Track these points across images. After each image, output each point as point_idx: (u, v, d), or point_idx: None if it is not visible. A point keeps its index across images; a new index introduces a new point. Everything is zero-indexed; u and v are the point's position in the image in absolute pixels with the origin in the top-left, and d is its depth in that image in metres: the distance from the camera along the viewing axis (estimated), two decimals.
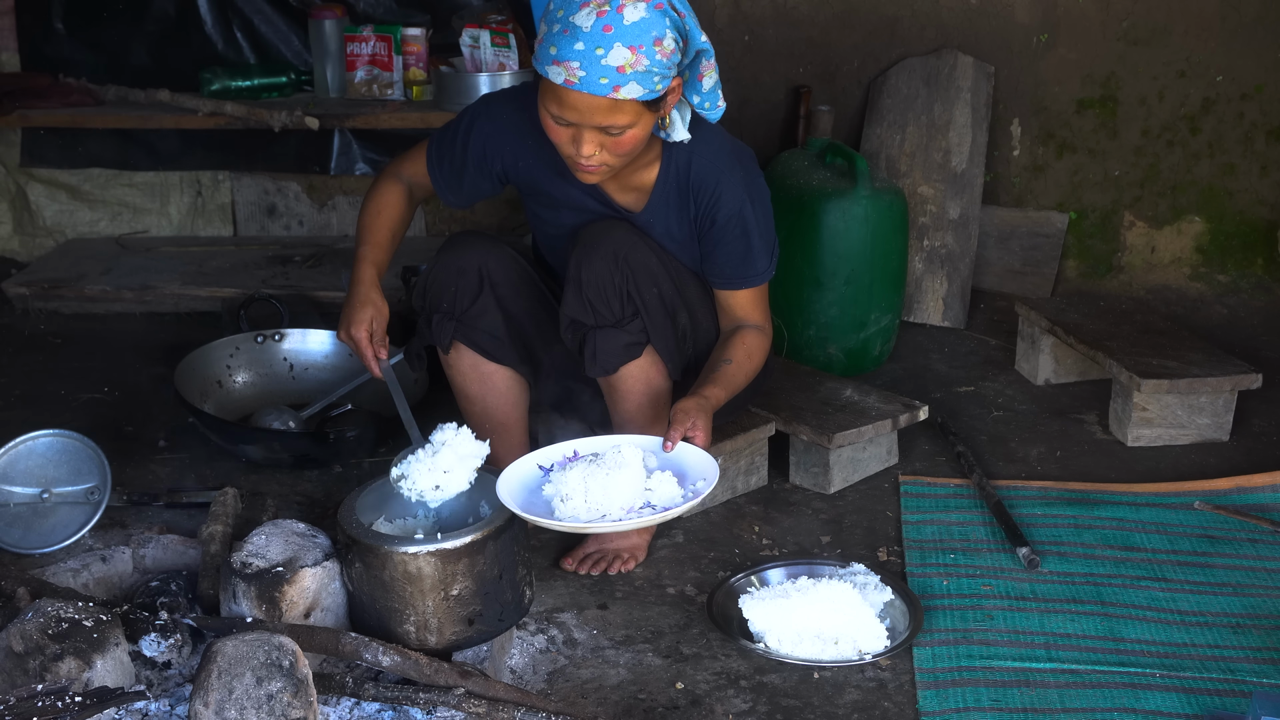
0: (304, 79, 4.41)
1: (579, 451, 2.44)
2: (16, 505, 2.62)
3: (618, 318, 2.60)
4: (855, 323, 3.64)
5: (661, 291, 2.62)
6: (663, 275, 2.62)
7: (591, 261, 2.56)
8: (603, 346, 2.60)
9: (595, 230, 2.60)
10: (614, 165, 2.47)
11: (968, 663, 2.41)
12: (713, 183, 2.58)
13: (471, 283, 2.70)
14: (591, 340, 2.60)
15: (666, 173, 2.60)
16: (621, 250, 2.57)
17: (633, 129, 2.40)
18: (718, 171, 2.58)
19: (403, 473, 2.39)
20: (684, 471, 2.40)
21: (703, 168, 2.58)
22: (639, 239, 2.61)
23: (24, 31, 4.47)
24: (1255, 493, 2.99)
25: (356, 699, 2.13)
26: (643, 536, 2.78)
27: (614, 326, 2.60)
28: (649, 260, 2.60)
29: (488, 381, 2.79)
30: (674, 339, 2.66)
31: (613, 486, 2.30)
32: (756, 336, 2.68)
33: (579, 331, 2.62)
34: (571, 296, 2.59)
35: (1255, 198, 4.27)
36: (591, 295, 2.57)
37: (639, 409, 2.67)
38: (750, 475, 3.06)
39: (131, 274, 4.25)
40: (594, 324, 2.60)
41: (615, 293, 2.58)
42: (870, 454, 3.11)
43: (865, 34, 4.27)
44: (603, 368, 2.62)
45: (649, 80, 2.34)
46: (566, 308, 2.60)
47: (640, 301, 2.60)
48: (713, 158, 2.58)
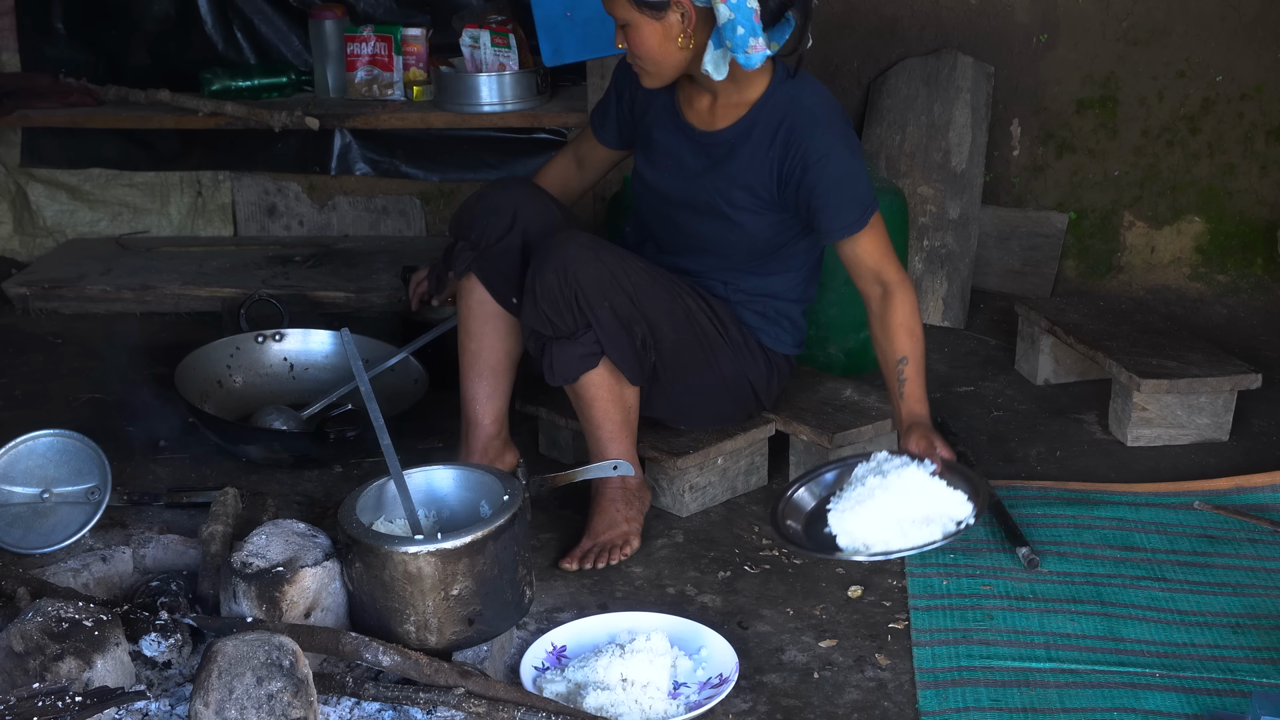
0: (304, 79, 4.42)
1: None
2: (16, 505, 2.62)
3: (571, 330, 2.67)
4: (855, 323, 3.63)
5: (614, 305, 2.66)
6: (614, 289, 2.66)
7: (543, 274, 2.64)
8: (559, 357, 2.68)
9: (550, 243, 2.68)
10: (646, 69, 2.64)
11: (968, 663, 2.41)
12: (808, 126, 2.67)
13: (503, 222, 2.78)
14: (549, 351, 2.69)
15: (765, 102, 2.70)
16: (570, 266, 2.62)
17: (636, 30, 2.57)
18: (815, 119, 2.68)
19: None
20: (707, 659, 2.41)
21: (802, 111, 2.68)
22: (592, 254, 2.65)
23: (24, 31, 4.48)
24: (1255, 493, 2.99)
25: (356, 699, 2.13)
26: (631, 524, 2.80)
27: (568, 338, 2.67)
28: (599, 274, 2.64)
29: (489, 322, 2.85)
30: (630, 350, 2.71)
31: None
32: (903, 303, 2.70)
33: (538, 340, 2.70)
34: (529, 306, 2.67)
35: (1255, 198, 4.27)
36: (545, 308, 2.65)
37: (605, 414, 2.75)
38: (750, 475, 3.06)
39: (131, 274, 4.25)
40: (551, 335, 2.68)
41: (566, 305, 2.64)
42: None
43: (865, 34, 4.28)
44: (561, 377, 2.71)
45: None
46: (525, 317, 2.69)
47: (592, 315, 2.65)
48: (814, 106, 2.69)
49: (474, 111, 4.12)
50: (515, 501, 2.31)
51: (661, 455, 2.92)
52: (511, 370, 2.92)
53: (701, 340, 2.80)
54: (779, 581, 2.71)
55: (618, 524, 2.79)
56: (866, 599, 2.64)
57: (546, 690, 2.29)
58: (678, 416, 2.94)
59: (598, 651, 2.36)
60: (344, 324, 3.02)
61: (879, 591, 2.66)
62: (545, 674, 2.35)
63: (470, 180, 4.53)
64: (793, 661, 2.44)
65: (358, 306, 4.08)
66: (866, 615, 2.58)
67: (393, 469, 2.33)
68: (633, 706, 2.24)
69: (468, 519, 2.40)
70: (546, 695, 2.26)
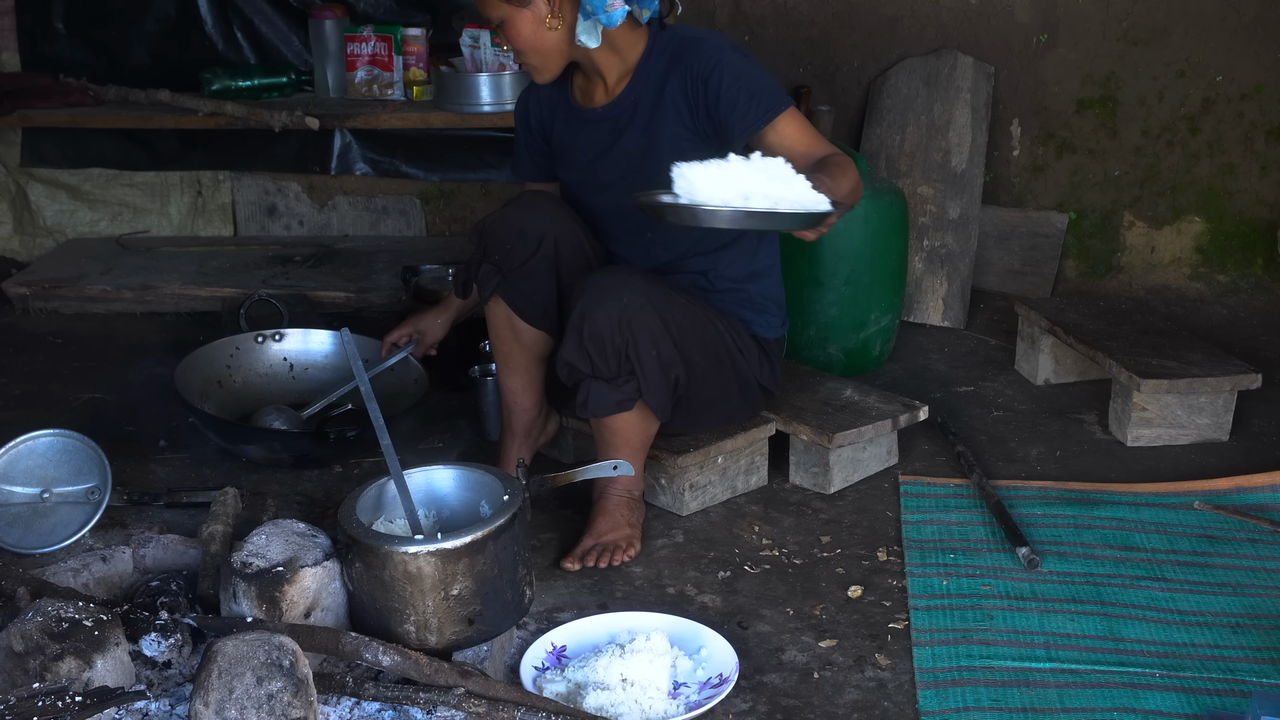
0: (304, 79, 4.42)
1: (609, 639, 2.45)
2: (17, 505, 2.62)
3: (613, 374, 2.68)
4: (855, 323, 3.64)
5: (660, 352, 2.68)
6: (663, 335, 2.67)
7: (595, 318, 2.62)
8: (595, 396, 2.70)
9: (605, 282, 2.66)
10: (532, 62, 2.72)
11: (968, 663, 2.41)
12: (692, 49, 2.71)
13: (528, 247, 2.79)
14: (586, 387, 2.70)
15: (647, 58, 2.76)
16: (627, 314, 2.63)
17: (510, 24, 2.65)
18: (697, 41, 2.73)
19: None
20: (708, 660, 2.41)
21: (682, 44, 2.74)
22: (648, 300, 2.65)
23: (24, 31, 4.48)
24: (1255, 493, 2.99)
25: (356, 699, 2.13)
26: (634, 528, 2.81)
27: (608, 381, 2.68)
28: (652, 323, 2.65)
29: (519, 336, 2.90)
30: (666, 393, 2.73)
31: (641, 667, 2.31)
32: (840, 159, 2.60)
33: (574, 374, 2.70)
34: (571, 343, 2.66)
35: (1255, 198, 4.27)
36: (591, 349, 2.64)
37: (625, 441, 2.78)
38: (750, 475, 3.06)
39: (131, 274, 4.25)
40: (589, 374, 2.68)
41: (614, 353, 2.65)
42: (870, 454, 3.11)
43: (865, 34, 4.28)
44: (593, 413, 2.73)
45: None
46: (565, 351, 2.68)
47: (638, 364, 2.66)
48: (692, 35, 2.76)
49: (474, 111, 4.12)
50: (515, 501, 2.31)
51: (661, 454, 2.92)
52: (542, 363, 2.97)
53: (725, 360, 2.82)
54: (779, 581, 2.71)
55: (620, 526, 2.79)
56: (866, 599, 2.64)
57: (546, 690, 2.29)
58: (694, 427, 2.95)
59: (598, 651, 2.36)
60: (344, 324, 3.02)
61: (879, 591, 2.66)
62: (545, 674, 2.35)
63: (470, 180, 4.53)
64: (793, 661, 2.44)
65: (358, 306, 4.08)
66: (866, 615, 2.58)
67: (393, 469, 2.33)
68: (633, 706, 2.24)
69: (468, 519, 2.40)
70: (546, 695, 2.26)
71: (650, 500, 2.99)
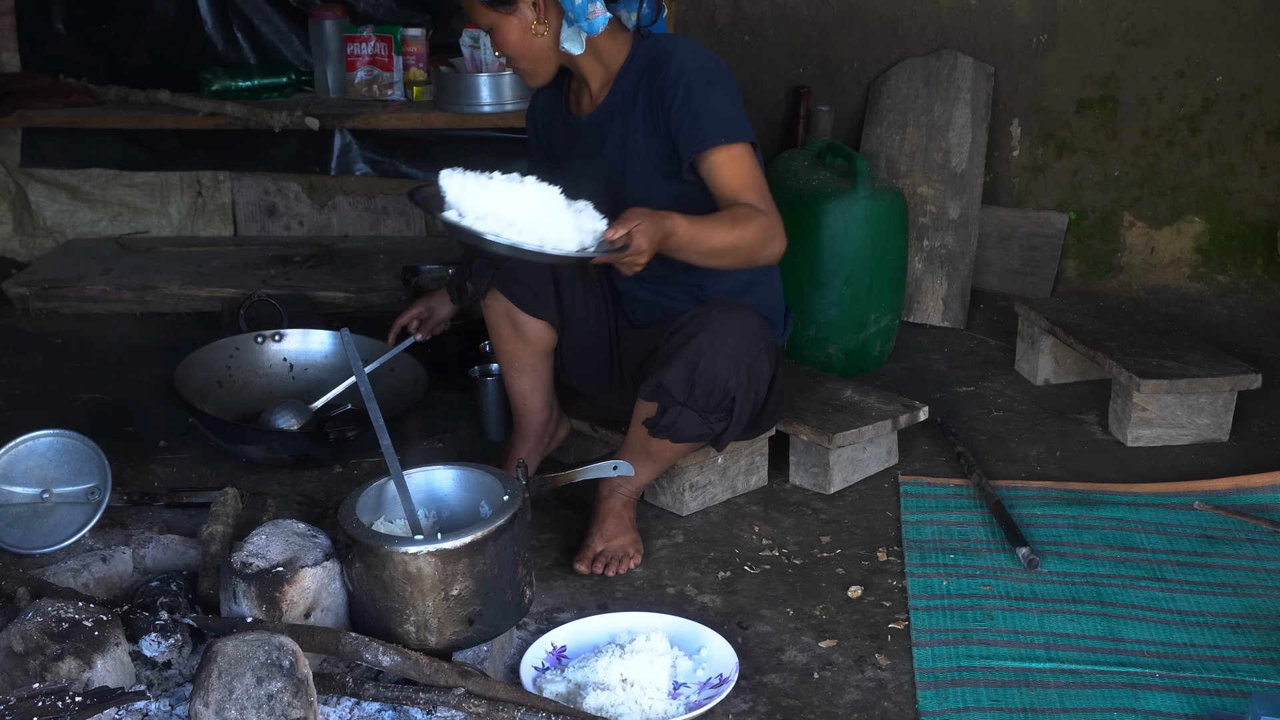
0: (304, 79, 4.42)
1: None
2: (16, 505, 2.61)
3: (708, 409, 2.65)
4: (855, 323, 3.64)
5: (758, 396, 2.68)
6: (767, 378, 2.67)
7: (715, 358, 2.59)
8: (682, 425, 2.67)
9: (730, 319, 2.62)
10: (522, 66, 2.71)
11: (968, 663, 2.41)
12: (660, 64, 2.66)
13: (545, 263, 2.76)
14: (675, 413, 2.66)
15: (626, 68, 2.72)
16: (749, 361, 2.62)
17: (497, 30, 2.65)
18: (666, 56, 2.67)
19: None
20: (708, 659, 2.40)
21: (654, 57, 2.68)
22: (763, 339, 2.65)
23: (24, 31, 4.48)
24: (1255, 493, 2.99)
25: (356, 699, 2.13)
26: (636, 531, 2.81)
27: (699, 413, 2.65)
28: (764, 368, 2.66)
29: (520, 328, 2.88)
30: (743, 430, 2.74)
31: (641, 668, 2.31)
32: (744, 207, 2.59)
33: (662, 396, 2.65)
34: (678, 372, 2.61)
35: (1255, 198, 4.28)
36: (699, 384, 2.61)
37: (665, 460, 2.78)
38: (750, 475, 3.06)
39: (131, 274, 4.25)
40: (683, 403, 2.64)
41: (721, 393, 2.63)
42: (870, 454, 3.11)
43: (865, 34, 4.28)
44: (672, 437, 2.69)
45: None
46: (667, 378, 2.62)
47: (739, 405, 2.65)
48: (666, 48, 2.69)
49: (474, 111, 4.12)
50: (515, 501, 2.31)
51: None
52: (548, 359, 2.95)
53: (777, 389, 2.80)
54: (779, 581, 2.71)
55: (626, 530, 2.79)
56: (866, 599, 2.64)
57: (546, 690, 2.29)
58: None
59: (598, 652, 2.36)
60: (344, 324, 3.02)
61: (879, 592, 2.66)
62: (545, 674, 2.35)
63: None
64: (793, 661, 2.44)
65: (358, 306, 4.08)
66: (866, 615, 2.58)
67: (393, 469, 2.33)
68: (633, 707, 2.24)
69: (468, 519, 2.40)
70: (546, 695, 2.26)
71: (650, 500, 2.99)
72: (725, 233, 2.56)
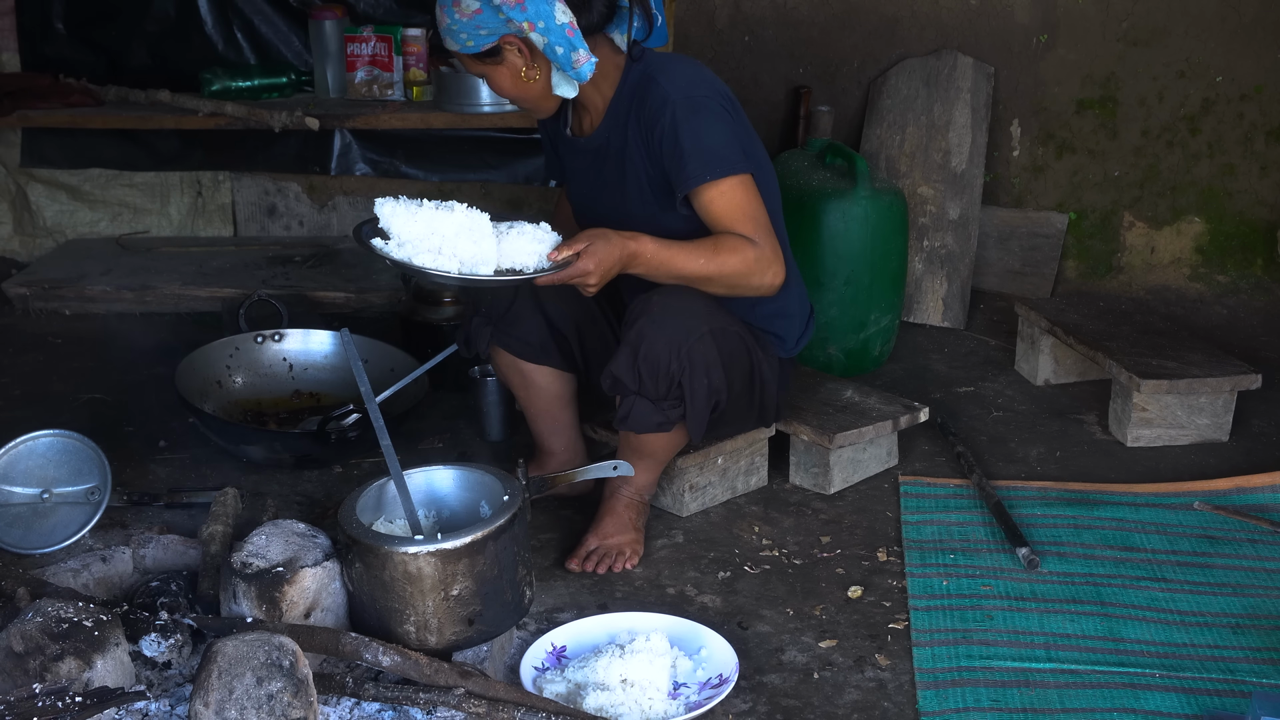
0: (304, 79, 4.42)
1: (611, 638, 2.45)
2: (17, 505, 2.62)
3: (660, 396, 2.65)
4: (855, 323, 3.64)
5: (711, 381, 2.66)
6: (716, 364, 2.65)
7: (654, 342, 2.59)
8: (637, 414, 2.67)
9: (670, 305, 2.61)
10: (524, 106, 2.70)
11: (968, 663, 2.41)
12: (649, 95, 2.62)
13: (507, 292, 2.78)
14: (630, 403, 2.67)
15: (619, 96, 2.68)
16: (688, 343, 2.60)
17: (490, 78, 2.63)
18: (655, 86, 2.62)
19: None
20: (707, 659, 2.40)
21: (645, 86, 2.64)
22: (708, 329, 2.62)
23: (24, 31, 4.47)
24: (1255, 493, 2.99)
25: (356, 699, 2.13)
26: (638, 533, 2.81)
27: (653, 401, 2.66)
28: (709, 352, 2.63)
29: (528, 378, 2.91)
30: (706, 418, 2.72)
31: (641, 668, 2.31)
32: (733, 237, 2.58)
33: (619, 388, 2.66)
34: (624, 360, 2.62)
35: (1255, 198, 4.28)
36: (644, 370, 2.61)
37: (652, 454, 2.78)
38: (750, 476, 3.06)
39: (131, 274, 4.25)
40: (636, 391, 2.65)
41: (666, 378, 2.62)
42: (870, 455, 3.11)
43: (865, 34, 4.28)
44: (633, 428, 2.70)
45: (457, 36, 2.57)
46: (615, 366, 2.63)
47: (688, 391, 2.65)
48: (655, 76, 2.63)
49: (474, 111, 4.12)
50: (515, 502, 2.31)
51: None
52: (569, 401, 2.96)
53: (756, 385, 2.81)
54: (779, 582, 2.71)
55: (626, 530, 2.79)
56: (866, 599, 2.64)
57: (546, 690, 2.29)
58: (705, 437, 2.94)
59: (598, 652, 2.36)
60: (344, 324, 3.02)
61: (879, 592, 2.66)
62: (545, 674, 2.35)
63: (470, 180, 4.53)
64: (793, 662, 2.44)
65: (358, 307, 4.08)
66: (866, 615, 2.58)
67: (393, 469, 2.33)
68: (633, 707, 2.24)
69: (468, 519, 2.40)
70: (546, 695, 2.26)
71: (651, 501, 2.99)
72: (701, 261, 2.56)
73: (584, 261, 2.47)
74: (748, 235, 2.58)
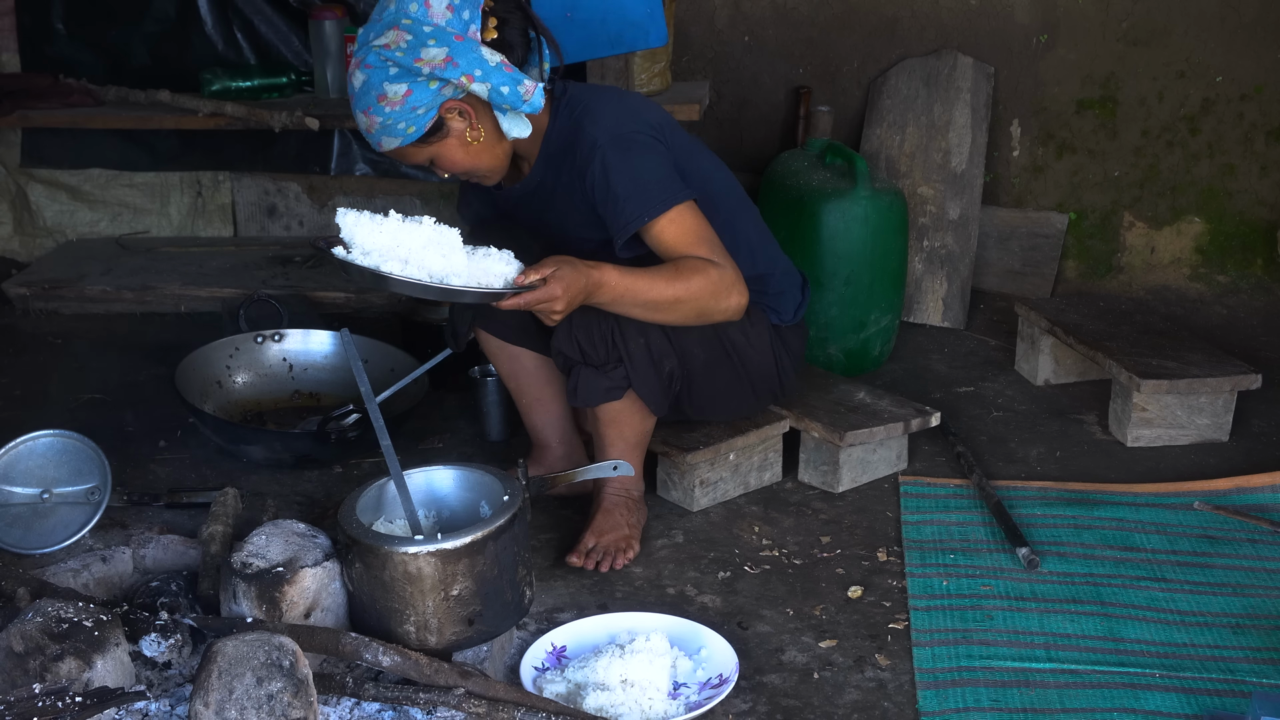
0: (304, 79, 4.41)
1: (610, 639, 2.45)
2: (16, 505, 2.61)
3: (602, 361, 2.67)
4: (855, 323, 3.64)
5: (649, 341, 2.66)
6: (652, 325, 2.64)
7: (586, 309, 2.58)
8: (584, 384, 2.70)
9: None
10: (476, 175, 2.62)
11: (968, 663, 2.41)
12: (577, 140, 2.59)
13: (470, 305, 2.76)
14: (575, 374, 2.70)
15: (549, 137, 2.65)
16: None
17: (439, 158, 2.55)
18: (580, 130, 2.58)
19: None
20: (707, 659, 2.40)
21: (573, 130, 2.60)
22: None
23: (24, 31, 4.47)
24: (1255, 493, 2.99)
25: (356, 699, 2.13)
26: (633, 530, 2.81)
27: (598, 368, 2.68)
28: None
29: (516, 361, 2.93)
30: (659, 384, 2.71)
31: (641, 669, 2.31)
32: (693, 259, 2.56)
33: (566, 362, 2.70)
34: (562, 331, 2.65)
35: (1255, 198, 4.27)
36: (580, 336, 2.65)
37: (620, 434, 2.77)
38: (764, 472, 3.08)
39: (131, 274, 4.25)
40: (580, 361, 2.68)
41: (601, 339, 2.65)
42: (880, 456, 3.11)
43: (865, 34, 4.28)
44: (584, 401, 2.73)
45: (395, 129, 2.47)
46: (557, 340, 2.67)
47: (625, 351, 2.65)
48: (579, 119, 2.59)
49: None
50: (515, 502, 2.31)
51: (671, 451, 2.93)
52: (559, 394, 2.96)
53: (731, 353, 2.80)
54: (779, 581, 2.71)
55: (620, 527, 2.79)
56: (866, 599, 2.64)
57: (546, 691, 2.29)
58: (701, 417, 2.97)
59: (598, 652, 2.36)
60: (344, 324, 3.02)
61: (879, 592, 2.66)
62: (545, 674, 2.35)
63: None
64: (793, 661, 2.44)
65: (358, 307, 4.08)
66: (866, 615, 2.58)
67: (393, 469, 2.33)
68: (633, 707, 2.24)
69: (468, 519, 2.40)
70: (546, 695, 2.27)
71: (662, 495, 3.00)
72: (666, 285, 2.54)
73: (552, 286, 2.43)
74: (701, 255, 2.58)
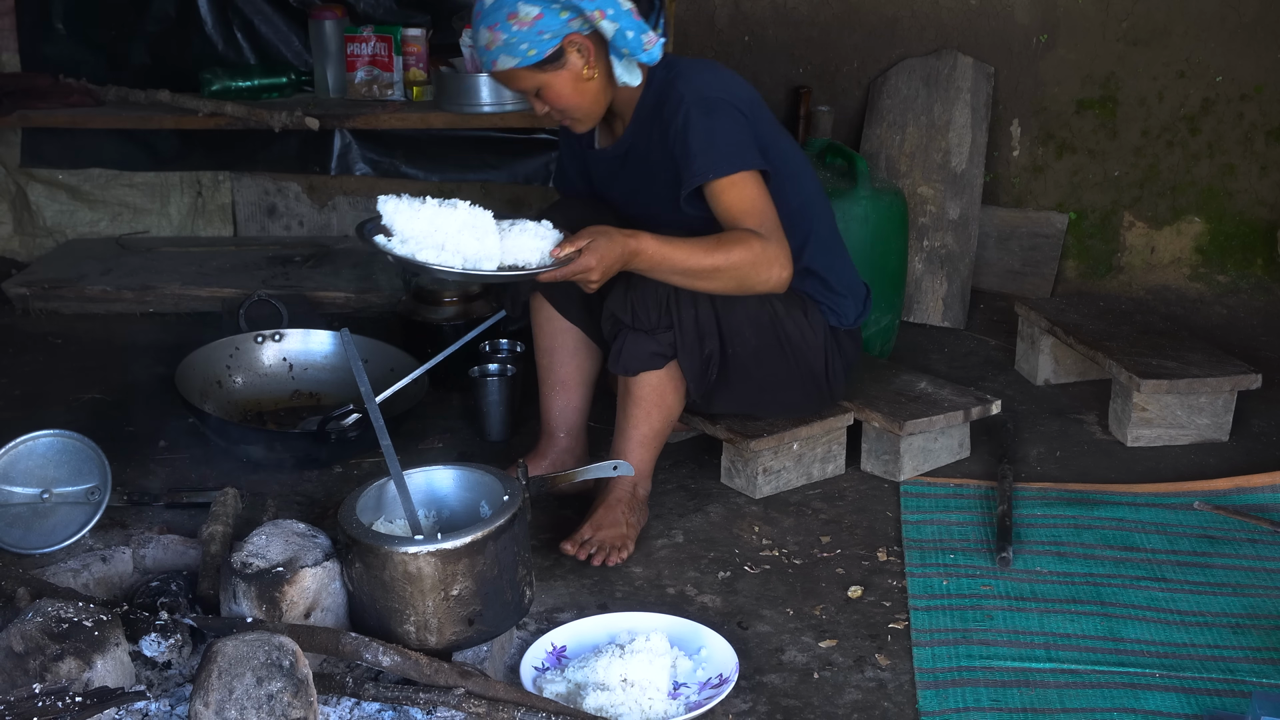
0: (304, 79, 4.42)
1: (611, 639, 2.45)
2: (17, 505, 2.62)
3: (652, 326, 2.68)
4: None
5: (699, 314, 2.69)
6: (704, 299, 2.68)
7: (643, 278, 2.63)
8: (629, 348, 2.70)
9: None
10: (574, 115, 2.68)
11: (968, 663, 2.41)
12: (667, 97, 2.67)
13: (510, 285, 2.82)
14: (622, 338, 2.71)
15: (644, 99, 2.73)
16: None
17: (548, 88, 2.61)
18: (672, 88, 2.67)
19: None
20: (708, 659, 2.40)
21: (664, 88, 2.68)
22: None
23: (24, 31, 4.48)
24: (1255, 493, 2.99)
25: (356, 699, 2.13)
26: (631, 529, 2.81)
27: (647, 333, 2.69)
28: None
29: (559, 337, 2.94)
30: (700, 360, 2.73)
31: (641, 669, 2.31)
32: (737, 231, 2.61)
33: (615, 326, 2.72)
34: (618, 292, 2.68)
35: (1255, 198, 4.28)
36: (634, 297, 2.67)
37: (645, 416, 2.77)
38: (828, 463, 3.10)
39: (131, 274, 4.25)
40: (630, 324, 2.69)
41: (657, 302, 2.66)
42: (942, 445, 3.13)
43: (865, 34, 4.28)
44: (625, 367, 2.73)
45: (517, 49, 2.55)
46: (610, 301, 2.70)
47: (677, 317, 2.67)
48: (673, 79, 2.68)
49: (474, 111, 4.12)
50: (515, 502, 2.31)
51: (735, 437, 2.97)
52: (586, 385, 2.98)
53: (784, 343, 2.82)
54: (779, 582, 2.71)
55: (619, 525, 2.79)
56: (866, 599, 2.64)
57: (546, 690, 2.29)
58: (747, 412, 2.97)
59: (598, 652, 2.36)
60: (344, 324, 3.02)
61: (879, 592, 2.66)
62: (545, 674, 2.35)
63: (470, 180, 4.53)
64: (793, 661, 2.44)
65: (358, 307, 4.08)
66: (866, 615, 2.58)
67: (393, 469, 2.33)
68: (633, 707, 2.24)
69: (468, 519, 2.40)
70: (546, 695, 2.26)
71: (726, 482, 3.02)
72: (704, 255, 2.59)
73: (586, 258, 2.50)
74: (754, 230, 2.60)
